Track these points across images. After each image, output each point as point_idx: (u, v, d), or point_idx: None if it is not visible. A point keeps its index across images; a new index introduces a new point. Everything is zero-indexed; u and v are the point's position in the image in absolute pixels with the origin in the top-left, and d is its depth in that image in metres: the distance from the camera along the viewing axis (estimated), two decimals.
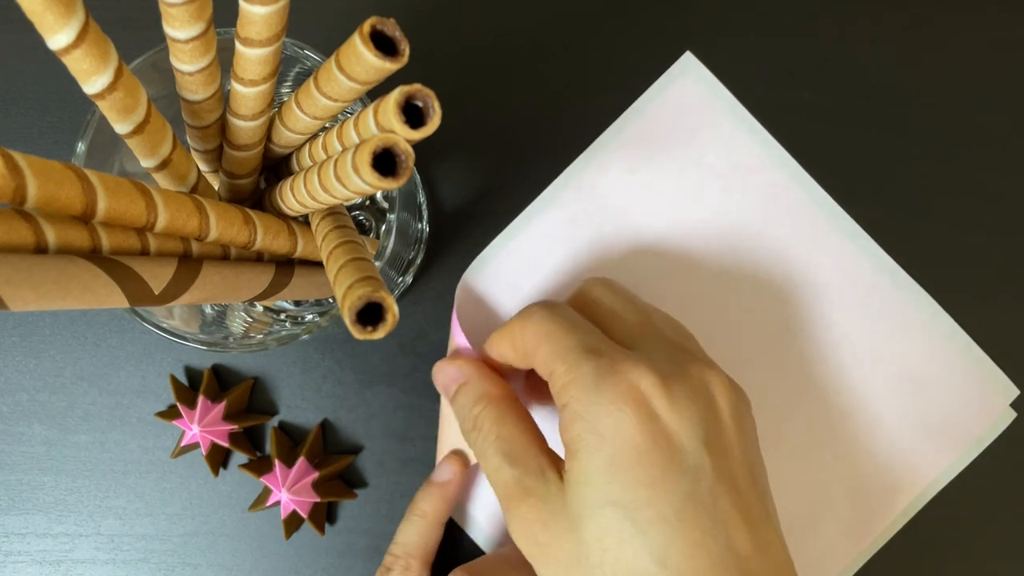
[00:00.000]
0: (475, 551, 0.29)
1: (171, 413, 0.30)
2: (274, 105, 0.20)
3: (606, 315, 0.24)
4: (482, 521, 0.29)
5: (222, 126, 0.21)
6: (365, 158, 0.15)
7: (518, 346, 0.23)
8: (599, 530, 0.19)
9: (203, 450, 0.29)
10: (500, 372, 0.25)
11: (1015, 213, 0.30)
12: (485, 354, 0.25)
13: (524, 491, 0.21)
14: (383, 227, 0.23)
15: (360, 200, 0.28)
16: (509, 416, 0.23)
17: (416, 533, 0.27)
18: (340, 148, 0.19)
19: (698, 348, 0.24)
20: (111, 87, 0.16)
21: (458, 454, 0.29)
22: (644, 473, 0.19)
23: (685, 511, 0.19)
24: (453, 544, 0.30)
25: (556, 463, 0.21)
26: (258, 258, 0.22)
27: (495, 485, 0.22)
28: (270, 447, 0.30)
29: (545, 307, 0.23)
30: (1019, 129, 0.30)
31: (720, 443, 0.20)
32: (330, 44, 0.18)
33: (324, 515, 0.30)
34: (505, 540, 0.29)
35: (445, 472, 0.28)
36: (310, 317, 0.27)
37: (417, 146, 0.16)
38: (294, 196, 0.20)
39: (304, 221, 0.22)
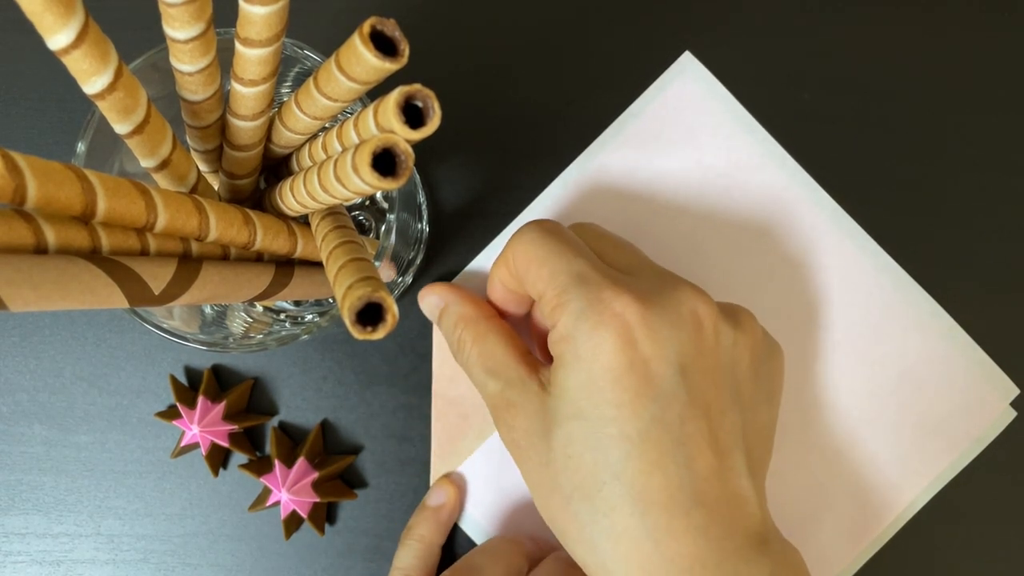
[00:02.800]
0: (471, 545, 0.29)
1: (171, 413, 0.30)
2: (274, 105, 0.20)
3: (597, 247, 0.24)
4: (478, 518, 0.29)
5: (222, 126, 0.21)
6: (365, 158, 0.15)
7: (511, 269, 0.24)
8: (565, 439, 0.21)
9: (203, 450, 0.29)
10: (509, 305, 0.25)
11: (1016, 213, 0.30)
12: (490, 289, 0.25)
13: (507, 402, 0.23)
14: (383, 227, 0.23)
15: (360, 200, 0.28)
16: (489, 334, 0.24)
17: (415, 556, 0.28)
18: (340, 148, 0.19)
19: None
20: (111, 87, 0.16)
21: (450, 477, 0.29)
22: (615, 395, 0.20)
23: (648, 433, 0.20)
24: (449, 540, 0.30)
25: (536, 371, 0.23)
26: (258, 258, 0.22)
27: (483, 397, 0.24)
28: (270, 447, 0.30)
29: (538, 228, 0.23)
30: (1020, 129, 0.30)
31: (699, 369, 0.21)
32: (330, 44, 0.18)
33: (324, 515, 0.30)
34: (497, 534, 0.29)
35: (439, 496, 0.29)
36: (310, 317, 0.27)
37: (417, 146, 0.16)
38: (294, 196, 0.20)
39: (304, 221, 0.22)
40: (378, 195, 0.28)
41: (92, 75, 0.16)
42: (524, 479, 0.23)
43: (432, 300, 0.27)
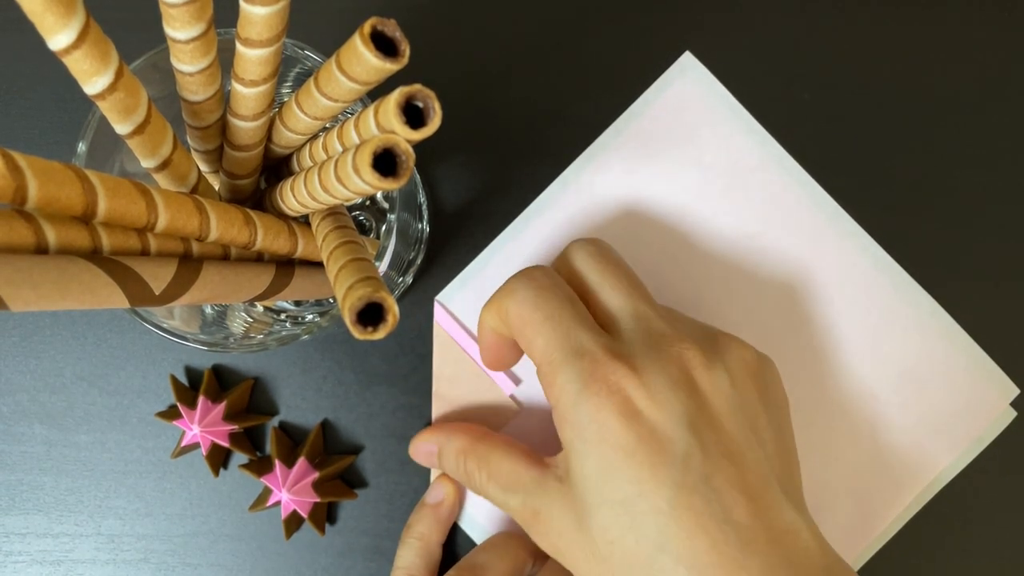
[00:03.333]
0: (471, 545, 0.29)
1: (171, 413, 0.30)
2: (274, 105, 0.20)
3: (590, 291, 0.24)
4: (478, 517, 0.29)
5: (222, 126, 0.21)
6: (365, 158, 0.15)
7: (504, 321, 0.23)
8: (601, 526, 0.21)
9: (203, 450, 0.29)
10: (503, 350, 0.25)
11: (1015, 213, 0.30)
12: (480, 334, 0.25)
13: (533, 512, 0.23)
14: (383, 227, 0.23)
15: (360, 200, 0.28)
16: (490, 454, 0.24)
17: (415, 555, 0.28)
18: (340, 148, 0.19)
19: (682, 320, 0.24)
20: (112, 87, 0.16)
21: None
22: (633, 472, 0.20)
23: (678, 499, 0.20)
24: (450, 540, 0.30)
25: (548, 467, 0.23)
26: (258, 258, 0.22)
27: (510, 514, 0.24)
28: (270, 447, 0.30)
29: (529, 285, 0.23)
30: (1020, 129, 0.30)
31: (707, 421, 0.21)
32: (331, 44, 0.18)
33: (324, 515, 0.30)
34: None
35: (437, 493, 0.29)
36: (310, 317, 0.27)
37: (417, 147, 0.16)
38: (294, 196, 0.20)
39: (304, 221, 0.22)
40: (378, 195, 0.28)
41: (93, 75, 0.16)
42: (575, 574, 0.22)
43: (425, 448, 0.27)
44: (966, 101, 0.30)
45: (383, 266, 0.23)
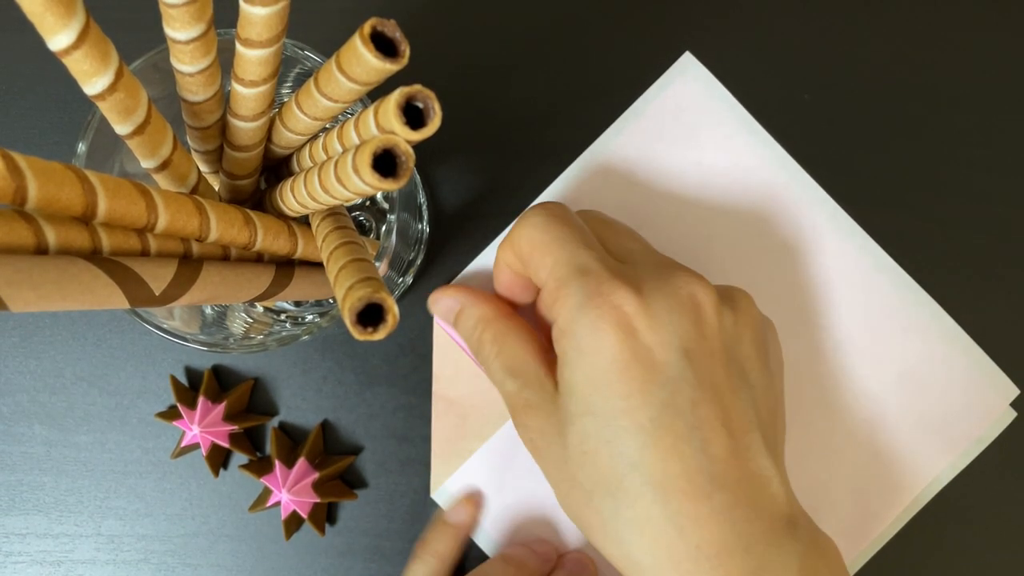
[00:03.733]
0: (482, 557, 0.30)
1: (171, 414, 0.30)
2: (274, 106, 0.20)
3: (602, 235, 0.24)
4: (488, 528, 0.29)
5: (222, 127, 0.21)
6: (365, 159, 0.15)
7: (517, 252, 0.23)
8: (580, 436, 0.21)
9: (203, 451, 0.29)
10: (516, 289, 0.25)
11: (1015, 213, 0.30)
12: (496, 273, 0.25)
13: (524, 401, 0.23)
14: (383, 228, 0.23)
15: (360, 201, 0.28)
16: (509, 333, 0.24)
17: (430, 572, 0.27)
18: (340, 149, 0.19)
19: None
20: (112, 88, 0.16)
21: (471, 497, 0.29)
22: (623, 386, 0.20)
23: (661, 419, 0.20)
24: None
25: (554, 370, 0.23)
26: (258, 259, 0.22)
27: (502, 396, 0.24)
28: (270, 448, 0.30)
29: (543, 213, 0.23)
30: (1021, 129, 0.30)
31: (703, 353, 0.21)
32: (330, 45, 0.18)
33: (324, 515, 0.30)
34: (497, 534, 0.29)
35: (460, 513, 0.28)
36: (310, 318, 0.27)
37: (417, 147, 0.16)
38: (294, 197, 0.20)
39: (305, 222, 0.22)
40: (378, 196, 0.28)
41: (93, 76, 0.16)
42: (545, 478, 0.22)
43: (446, 303, 0.26)
44: (966, 101, 0.30)
45: (383, 267, 0.23)
